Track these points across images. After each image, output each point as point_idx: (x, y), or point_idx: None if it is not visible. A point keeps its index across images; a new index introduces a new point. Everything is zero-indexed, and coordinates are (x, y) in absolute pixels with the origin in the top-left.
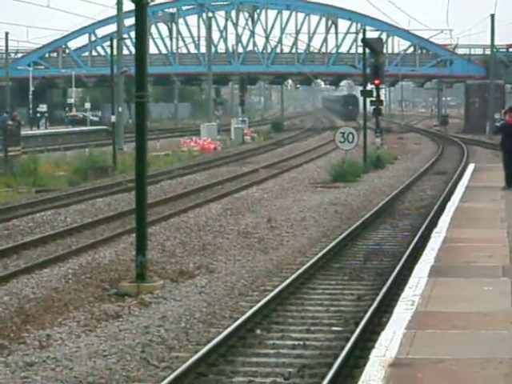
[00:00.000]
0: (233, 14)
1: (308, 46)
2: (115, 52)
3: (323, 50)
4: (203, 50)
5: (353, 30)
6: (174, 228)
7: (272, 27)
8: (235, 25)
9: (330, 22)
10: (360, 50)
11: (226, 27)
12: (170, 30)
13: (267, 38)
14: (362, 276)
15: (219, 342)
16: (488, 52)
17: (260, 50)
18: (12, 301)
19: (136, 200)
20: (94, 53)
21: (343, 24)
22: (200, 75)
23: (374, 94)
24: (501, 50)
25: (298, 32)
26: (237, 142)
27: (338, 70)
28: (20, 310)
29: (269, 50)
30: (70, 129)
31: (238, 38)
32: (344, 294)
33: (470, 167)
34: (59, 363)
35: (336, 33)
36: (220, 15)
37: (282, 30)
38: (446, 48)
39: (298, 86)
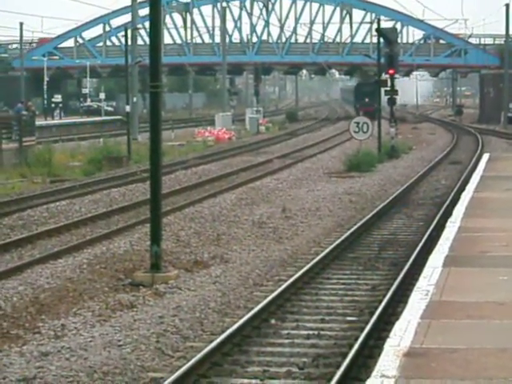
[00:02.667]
0: (247, 3)
1: (322, 35)
2: (130, 42)
3: (337, 39)
4: (218, 39)
5: (367, 19)
6: (189, 218)
7: (286, 17)
8: (250, 15)
9: (344, 12)
10: (374, 40)
11: (240, 17)
12: (185, 20)
13: (281, 27)
14: (376, 266)
15: (234, 331)
16: (499, 41)
17: (274, 39)
18: (27, 291)
19: (151, 190)
20: (108, 43)
21: (358, 14)
22: (214, 65)
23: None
24: None
25: (312, 22)
26: (251, 132)
27: (352, 60)
28: (35, 300)
29: (283, 39)
30: (85, 119)
31: (253, 27)
32: (358, 283)
33: (485, 157)
34: (74, 353)
35: (350, 23)
36: (234, 5)
37: (297, 20)
38: (460, 38)
39: (313, 76)
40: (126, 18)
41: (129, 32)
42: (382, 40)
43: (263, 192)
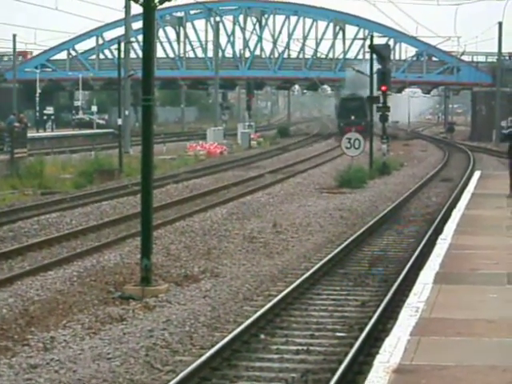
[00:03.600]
0: (241, 18)
1: (315, 51)
2: (122, 55)
3: (330, 55)
4: (210, 54)
5: (360, 35)
6: (179, 232)
7: (279, 32)
8: (243, 29)
9: (337, 28)
10: (367, 56)
11: (233, 32)
12: (178, 34)
13: (275, 43)
14: (366, 282)
15: (223, 346)
16: (491, 59)
17: (267, 54)
18: (17, 303)
19: (142, 203)
20: (101, 56)
21: (351, 30)
22: (207, 79)
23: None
24: (504, 57)
25: (305, 37)
26: (243, 147)
27: (344, 76)
28: (24, 312)
29: (276, 55)
30: (77, 131)
31: (246, 42)
32: (348, 299)
33: (476, 174)
34: (63, 365)
35: (343, 38)
36: (228, 20)
37: (290, 36)
38: (453, 55)
39: (305, 91)
40: (120, 31)
41: (122, 45)
42: (374, 56)
43: (254, 207)
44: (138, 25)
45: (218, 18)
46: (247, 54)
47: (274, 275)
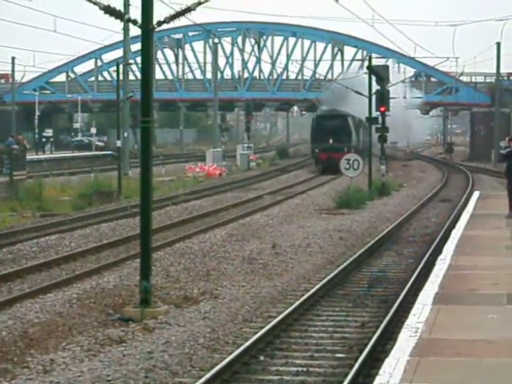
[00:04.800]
0: (239, 40)
1: (314, 72)
2: (121, 77)
3: (329, 76)
4: (209, 75)
5: (359, 56)
6: (179, 254)
7: (278, 54)
8: (241, 51)
9: (336, 49)
10: (358, 71)
11: (232, 53)
12: (176, 56)
13: (273, 64)
14: (366, 303)
15: (223, 367)
16: (489, 79)
17: (266, 76)
18: (16, 325)
19: (141, 225)
20: (100, 78)
21: (349, 51)
22: (206, 101)
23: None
24: (502, 77)
25: (304, 59)
26: (242, 168)
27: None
28: (24, 335)
29: (275, 76)
30: (76, 154)
31: (244, 64)
32: (348, 320)
33: (475, 195)
34: None
35: (342, 60)
36: (226, 41)
37: (288, 57)
38: (451, 76)
39: (304, 112)
40: (118, 53)
41: (120, 67)
42: (373, 77)
43: (253, 228)
44: (136, 47)
45: (216, 40)
46: (246, 76)
47: (274, 296)
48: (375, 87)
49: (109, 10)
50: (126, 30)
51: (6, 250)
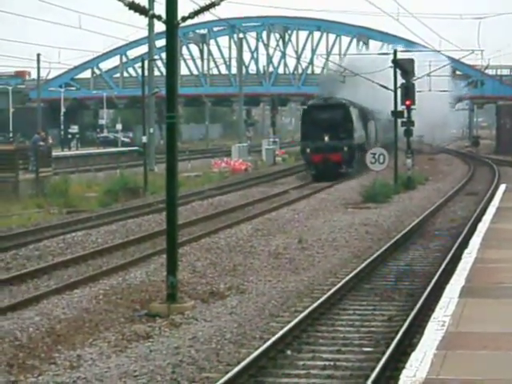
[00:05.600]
0: (264, 34)
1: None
2: (146, 73)
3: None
4: (234, 70)
5: (384, 50)
6: (205, 249)
7: (303, 48)
8: (266, 46)
9: (361, 43)
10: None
11: (257, 48)
12: (201, 51)
13: (298, 58)
14: (392, 296)
15: (250, 362)
16: None
17: (291, 71)
18: (43, 321)
19: (167, 221)
20: (125, 74)
21: (374, 45)
22: (231, 96)
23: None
24: None
25: (328, 53)
26: (268, 163)
27: None
28: (51, 331)
29: (300, 70)
30: (102, 150)
31: (269, 58)
32: (375, 314)
33: (501, 188)
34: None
35: (367, 54)
36: (251, 36)
37: (313, 51)
38: (477, 69)
39: None
40: (143, 49)
41: (145, 63)
42: (398, 71)
43: (280, 223)
44: (161, 42)
45: (241, 35)
46: (271, 70)
47: (300, 291)
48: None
49: (133, 6)
50: (150, 25)
51: (33, 247)
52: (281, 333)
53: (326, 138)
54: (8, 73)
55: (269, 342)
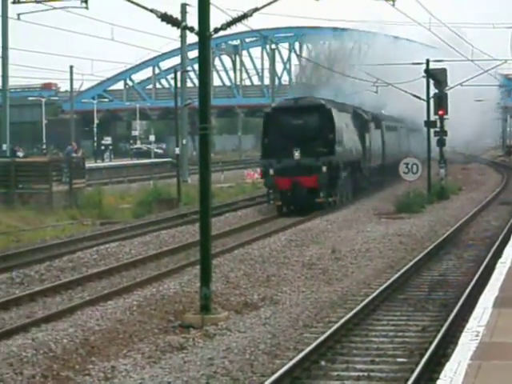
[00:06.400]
0: (296, 45)
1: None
2: (179, 84)
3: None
4: (267, 81)
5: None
6: (239, 260)
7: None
8: (299, 56)
9: None
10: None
11: (289, 59)
12: (234, 62)
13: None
14: (426, 307)
15: (284, 373)
16: None
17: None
18: (77, 333)
19: (200, 232)
20: (158, 85)
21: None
22: (264, 107)
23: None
24: None
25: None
26: None
27: None
28: (85, 342)
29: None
30: (135, 161)
31: (302, 69)
32: (409, 324)
33: None
34: None
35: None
36: (283, 47)
37: (345, 61)
38: (510, 78)
39: None
40: (176, 60)
41: (178, 74)
42: (431, 81)
43: (313, 233)
44: (194, 54)
45: (273, 46)
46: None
47: (334, 301)
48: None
49: (166, 18)
50: (183, 37)
51: (67, 259)
52: (315, 343)
53: (297, 155)
54: (35, 85)
55: (303, 353)
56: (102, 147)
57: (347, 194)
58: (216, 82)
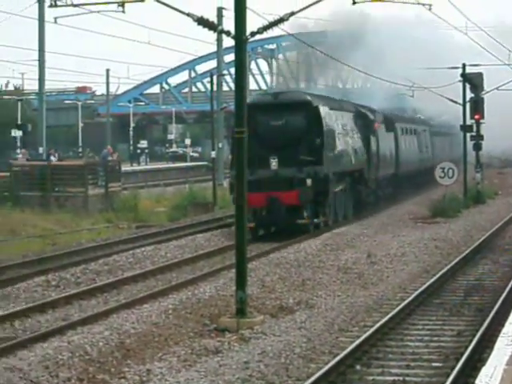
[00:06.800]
0: None
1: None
2: (215, 88)
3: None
4: (303, 85)
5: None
6: (274, 263)
7: None
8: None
9: None
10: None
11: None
12: (270, 66)
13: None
14: (462, 311)
15: (319, 377)
16: None
17: (359, 85)
18: (112, 336)
19: (236, 235)
20: (194, 89)
21: None
22: None
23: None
24: None
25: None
26: None
27: None
28: (120, 345)
29: (368, 85)
30: (171, 165)
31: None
32: (444, 329)
33: None
34: None
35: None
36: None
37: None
38: None
39: None
40: (212, 63)
41: (214, 78)
42: (467, 85)
43: (348, 238)
44: (230, 57)
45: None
46: (340, 85)
47: (369, 306)
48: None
49: (202, 22)
50: (219, 41)
51: (102, 262)
52: (350, 347)
53: (274, 164)
54: (70, 88)
55: (338, 357)
56: (138, 151)
57: (345, 211)
58: (252, 85)
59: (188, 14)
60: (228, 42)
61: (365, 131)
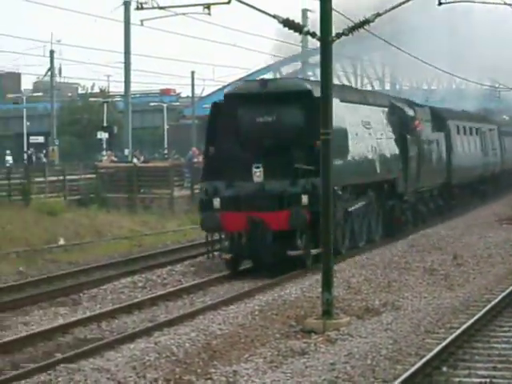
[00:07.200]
0: None
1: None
2: None
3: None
4: (388, 86)
5: None
6: (360, 265)
7: None
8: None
9: None
10: None
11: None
12: (355, 67)
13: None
14: None
15: (405, 379)
16: None
17: (444, 85)
18: (199, 337)
19: (322, 238)
20: None
21: None
22: None
23: None
24: None
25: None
26: None
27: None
28: (207, 346)
29: (453, 86)
30: None
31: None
32: None
33: None
34: None
35: None
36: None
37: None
38: None
39: None
40: (297, 65)
41: None
42: None
43: (434, 239)
44: (315, 59)
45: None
46: (424, 87)
47: (456, 307)
48: None
49: (288, 23)
50: (304, 42)
51: (188, 263)
52: (436, 349)
53: (258, 174)
54: (154, 90)
55: (424, 359)
56: None
57: (369, 234)
58: None
59: (274, 16)
60: (313, 43)
61: (401, 131)
